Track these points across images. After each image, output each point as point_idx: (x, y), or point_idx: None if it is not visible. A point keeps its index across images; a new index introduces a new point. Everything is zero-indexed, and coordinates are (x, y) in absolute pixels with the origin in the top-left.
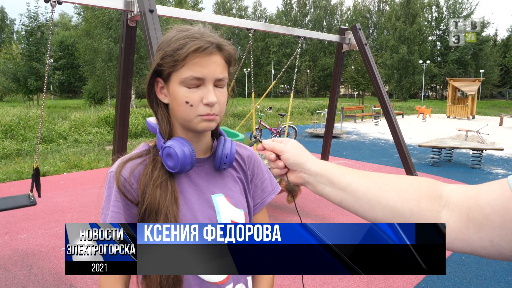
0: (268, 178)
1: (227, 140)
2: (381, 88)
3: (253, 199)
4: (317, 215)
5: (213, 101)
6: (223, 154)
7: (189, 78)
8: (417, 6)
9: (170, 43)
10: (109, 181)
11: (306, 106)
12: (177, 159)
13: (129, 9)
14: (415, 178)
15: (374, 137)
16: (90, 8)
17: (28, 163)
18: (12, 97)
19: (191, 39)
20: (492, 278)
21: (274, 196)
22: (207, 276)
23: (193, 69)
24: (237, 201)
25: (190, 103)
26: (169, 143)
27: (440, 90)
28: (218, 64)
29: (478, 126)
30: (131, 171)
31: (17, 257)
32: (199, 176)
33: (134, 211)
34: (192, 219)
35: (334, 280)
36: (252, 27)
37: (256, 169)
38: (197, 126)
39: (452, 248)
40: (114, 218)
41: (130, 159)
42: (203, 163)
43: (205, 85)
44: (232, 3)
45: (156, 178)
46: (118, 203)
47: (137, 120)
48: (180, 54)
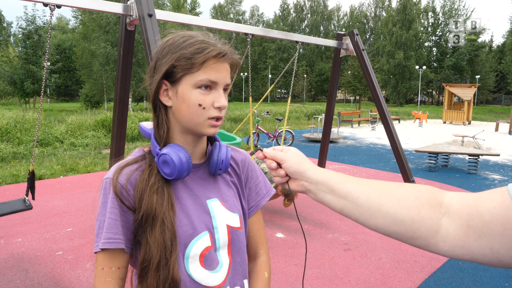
0: (263, 181)
1: (222, 145)
2: (378, 93)
3: (248, 202)
4: (314, 220)
5: (225, 104)
6: (218, 160)
7: (205, 81)
8: (414, 12)
9: (185, 46)
10: (105, 187)
11: (303, 111)
12: (174, 166)
13: (128, 13)
14: (415, 186)
15: (370, 142)
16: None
17: (24, 166)
18: (9, 100)
19: (208, 44)
20: (489, 284)
21: (268, 198)
22: (204, 280)
23: (210, 73)
24: (232, 205)
25: (203, 105)
26: (165, 150)
27: (436, 96)
28: (228, 71)
29: (474, 132)
30: (128, 177)
31: (13, 261)
32: (193, 181)
33: (130, 218)
34: (188, 225)
35: (332, 286)
36: (250, 32)
37: (250, 172)
38: (205, 130)
39: (453, 255)
40: (111, 225)
41: (126, 165)
42: (198, 169)
43: (216, 89)
44: (230, 7)
45: (153, 184)
46: (115, 210)
47: (134, 123)
48: (199, 57)
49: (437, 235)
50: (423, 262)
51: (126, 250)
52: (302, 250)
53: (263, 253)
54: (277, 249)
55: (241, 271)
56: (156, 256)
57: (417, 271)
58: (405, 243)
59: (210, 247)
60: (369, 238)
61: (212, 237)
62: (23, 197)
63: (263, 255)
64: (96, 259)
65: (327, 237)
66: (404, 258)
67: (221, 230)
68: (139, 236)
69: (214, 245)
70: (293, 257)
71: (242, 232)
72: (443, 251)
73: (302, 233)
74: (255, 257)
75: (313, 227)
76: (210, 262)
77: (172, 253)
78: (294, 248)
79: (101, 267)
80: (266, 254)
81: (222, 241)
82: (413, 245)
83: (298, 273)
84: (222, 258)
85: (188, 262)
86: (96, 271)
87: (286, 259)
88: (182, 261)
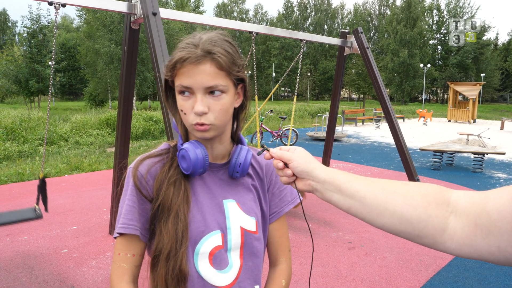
0: (288, 188)
1: (243, 149)
2: (382, 91)
3: (270, 208)
4: (319, 218)
5: (199, 110)
6: (236, 163)
7: (179, 87)
8: (418, 10)
9: (172, 54)
10: (127, 176)
11: (307, 109)
12: (189, 161)
13: (132, 12)
14: (422, 185)
15: (375, 141)
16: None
17: (29, 164)
18: (14, 98)
19: (180, 49)
20: (495, 283)
21: (292, 206)
22: (211, 279)
23: (182, 79)
24: (249, 208)
25: (184, 111)
26: (185, 145)
27: (441, 94)
28: (208, 73)
29: (479, 130)
30: (148, 168)
31: (19, 259)
32: (213, 181)
33: (148, 207)
34: (201, 221)
35: (336, 284)
36: (254, 30)
37: (274, 178)
38: (195, 134)
39: (460, 254)
40: (127, 211)
41: (149, 156)
42: (219, 169)
43: (194, 94)
44: (233, 6)
45: (171, 177)
46: (133, 197)
47: (138, 122)
48: (169, 64)
49: (444, 234)
50: (428, 261)
51: (141, 238)
52: (306, 249)
53: (283, 261)
54: None
55: (253, 276)
56: (167, 246)
57: (422, 270)
58: (412, 242)
59: (221, 247)
60: (374, 237)
61: (224, 237)
62: (33, 206)
63: (283, 262)
64: (115, 244)
65: (332, 235)
66: (409, 257)
67: (234, 232)
68: (154, 225)
69: (226, 246)
70: (298, 256)
71: (257, 237)
72: (451, 249)
73: (309, 232)
74: (275, 264)
75: (318, 225)
76: (219, 261)
77: (182, 245)
78: (299, 246)
79: (118, 252)
80: (286, 262)
81: (234, 242)
82: (420, 244)
83: (303, 271)
84: (233, 260)
85: (197, 258)
86: (114, 256)
87: (291, 258)
88: (192, 256)
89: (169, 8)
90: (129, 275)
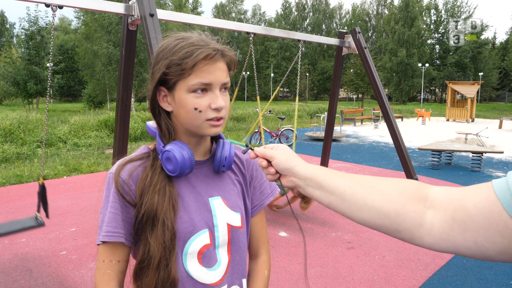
0: (267, 181)
1: (226, 143)
2: (381, 91)
3: (252, 201)
4: (318, 218)
5: (222, 105)
6: (222, 157)
7: (197, 85)
8: (416, 9)
9: (175, 51)
10: (108, 182)
11: (305, 109)
12: (176, 163)
13: (129, 13)
14: (400, 181)
15: (373, 140)
16: (89, 12)
17: (28, 166)
18: (12, 100)
19: (197, 47)
20: (493, 282)
21: (272, 198)
22: (201, 277)
23: (201, 75)
24: (234, 204)
25: (199, 109)
26: (168, 147)
27: (439, 93)
28: (223, 70)
29: (478, 129)
30: (130, 173)
31: (17, 261)
32: (197, 179)
33: (131, 212)
34: (188, 221)
35: (336, 284)
36: (252, 31)
37: (255, 172)
38: (206, 131)
39: (437, 248)
40: (111, 219)
41: (129, 161)
42: (202, 166)
43: (212, 90)
44: (232, 7)
45: (155, 184)
46: (116, 204)
47: (137, 123)
48: (188, 62)
49: (421, 228)
50: (427, 260)
51: (126, 244)
52: (306, 249)
53: (264, 252)
54: (280, 248)
55: (240, 270)
56: (157, 255)
57: (421, 269)
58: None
59: (209, 245)
60: (373, 237)
61: (211, 235)
62: (34, 214)
63: (264, 254)
64: (98, 252)
65: (331, 235)
66: (407, 256)
67: (221, 229)
68: (139, 233)
69: (214, 243)
70: (296, 256)
71: (242, 231)
72: (427, 243)
73: (308, 232)
74: (256, 256)
75: (317, 225)
76: (208, 259)
77: (171, 252)
78: (297, 246)
79: (102, 259)
80: (266, 253)
81: (221, 239)
82: (398, 238)
83: (301, 271)
84: (221, 257)
85: (186, 258)
86: (97, 263)
87: (289, 258)
88: (181, 257)
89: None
90: (116, 281)
